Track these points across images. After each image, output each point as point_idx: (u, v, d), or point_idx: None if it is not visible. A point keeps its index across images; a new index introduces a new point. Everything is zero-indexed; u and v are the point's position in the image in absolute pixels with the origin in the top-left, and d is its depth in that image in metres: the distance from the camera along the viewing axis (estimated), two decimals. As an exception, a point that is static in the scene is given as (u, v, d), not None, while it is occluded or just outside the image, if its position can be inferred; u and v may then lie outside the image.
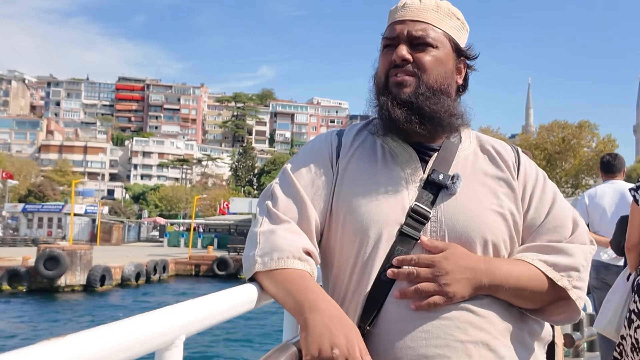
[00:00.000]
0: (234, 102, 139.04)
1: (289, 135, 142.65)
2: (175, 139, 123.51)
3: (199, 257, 35.88)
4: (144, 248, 47.14)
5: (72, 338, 0.73)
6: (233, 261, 34.74)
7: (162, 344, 0.91)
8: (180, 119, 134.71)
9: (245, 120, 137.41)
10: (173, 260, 35.05)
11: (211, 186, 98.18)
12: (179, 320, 0.95)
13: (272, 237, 1.23)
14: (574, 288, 1.26)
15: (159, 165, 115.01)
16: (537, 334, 1.29)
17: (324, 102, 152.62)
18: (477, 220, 1.25)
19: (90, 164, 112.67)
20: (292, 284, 1.16)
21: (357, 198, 1.28)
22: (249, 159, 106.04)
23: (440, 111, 1.30)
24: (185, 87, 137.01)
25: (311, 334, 1.06)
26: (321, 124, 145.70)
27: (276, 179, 1.37)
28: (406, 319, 1.18)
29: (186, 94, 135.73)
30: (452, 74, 1.36)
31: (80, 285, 26.09)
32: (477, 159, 1.36)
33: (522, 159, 1.39)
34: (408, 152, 1.33)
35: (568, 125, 56.94)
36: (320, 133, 1.67)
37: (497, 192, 1.30)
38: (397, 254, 1.22)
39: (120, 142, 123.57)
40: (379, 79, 1.36)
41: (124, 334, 0.82)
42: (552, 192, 1.36)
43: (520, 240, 1.31)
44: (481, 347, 1.16)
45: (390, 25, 1.37)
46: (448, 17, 1.36)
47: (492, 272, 1.21)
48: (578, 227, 1.33)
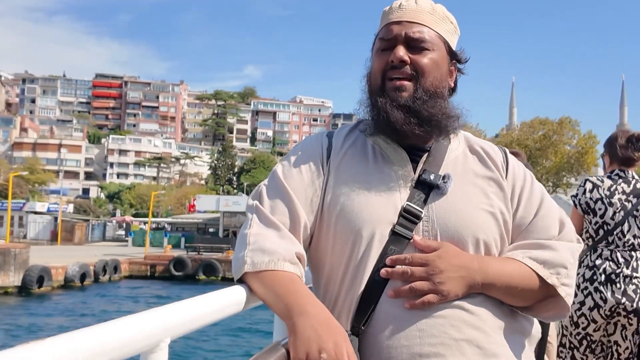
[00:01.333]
0: (215, 100, 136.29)
1: (270, 134, 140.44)
2: (153, 137, 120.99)
3: (155, 257, 33.91)
4: (106, 247, 45.13)
5: (54, 340, 0.72)
6: (191, 261, 32.80)
7: (146, 346, 0.90)
8: (159, 117, 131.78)
9: (226, 119, 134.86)
10: (127, 260, 33.02)
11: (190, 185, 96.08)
12: (164, 322, 0.94)
13: (262, 239, 1.22)
14: (562, 285, 1.28)
15: (135, 163, 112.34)
16: (527, 332, 1.30)
17: (307, 100, 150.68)
18: (468, 219, 1.26)
19: (65, 162, 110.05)
20: (281, 287, 1.16)
21: (349, 198, 1.28)
22: (228, 158, 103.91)
23: (437, 114, 1.31)
24: (165, 85, 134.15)
25: (299, 338, 1.06)
26: (304, 122, 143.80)
27: (265, 180, 1.36)
28: (400, 318, 1.18)
29: (165, 92, 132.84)
30: (446, 76, 1.37)
31: (15, 286, 24.24)
32: (467, 159, 1.37)
33: (510, 160, 1.41)
34: (399, 153, 1.34)
35: (549, 122, 56.11)
36: (302, 132, 1.61)
37: (487, 191, 1.32)
38: (390, 253, 1.23)
39: (97, 140, 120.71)
40: (375, 80, 1.35)
41: (108, 336, 0.81)
42: (539, 192, 1.38)
43: (509, 239, 1.32)
44: (475, 345, 1.17)
45: (386, 26, 1.36)
46: (443, 20, 1.38)
47: (484, 271, 1.22)
48: (565, 225, 1.36)
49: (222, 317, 1.13)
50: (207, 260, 32.89)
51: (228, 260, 33.26)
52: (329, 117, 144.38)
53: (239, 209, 44.42)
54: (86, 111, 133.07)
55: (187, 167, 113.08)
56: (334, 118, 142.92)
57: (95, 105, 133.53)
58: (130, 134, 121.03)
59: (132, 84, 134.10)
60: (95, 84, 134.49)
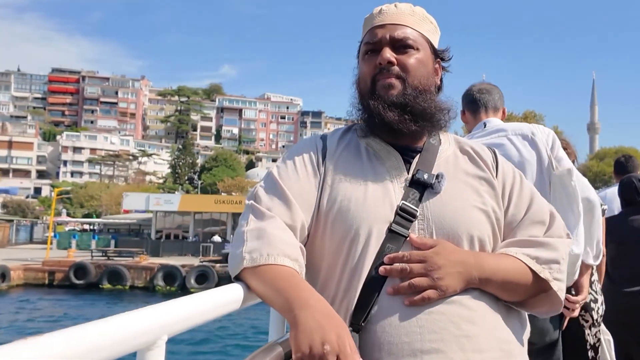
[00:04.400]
0: (178, 96, 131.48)
1: (236, 132, 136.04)
2: (110, 134, 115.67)
3: (55, 263, 29.56)
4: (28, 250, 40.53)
5: (51, 336, 0.73)
6: (95, 267, 28.58)
7: (143, 343, 0.90)
8: (119, 113, 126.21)
9: (189, 116, 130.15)
10: (22, 266, 28.70)
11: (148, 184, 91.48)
12: (161, 319, 0.94)
13: (260, 234, 1.23)
14: (554, 280, 1.31)
15: (88, 161, 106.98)
16: (522, 328, 1.33)
17: (275, 97, 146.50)
18: (462, 217, 1.29)
19: (15, 160, 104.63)
20: (281, 282, 1.16)
21: (346, 198, 1.30)
22: (189, 156, 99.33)
23: (430, 107, 1.36)
24: (124, 80, 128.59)
25: (302, 331, 1.05)
26: (271, 120, 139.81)
27: (261, 182, 1.38)
28: (400, 315, 1.20)
29: (125, 87, 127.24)
30: (432, 74, 1.42)
31: None
32: (458, 159, 1.41)
33: (500, 159, 1.45)
34: (392, 153, 1.37)
35: (512, 117, 53.24)
36: (270, 129, 1.67)
37: (479, 190, 1.35)
38: (387, 251, 1.25)
39: (53, 138, 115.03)
40: (365, 83, 1.39)
41: (104, 333, 0.81)
42: (529, 190, 1.42)
43: (502, 236, 1.36)
44: (474, 340, 1.19)
45: (370, 31, 1.41)
46: (423, 20, 1.43)
47: (481, 266, 1.25)
48: (555, 221, 1.39)
49: (219, 315, 1.13)
50: (113, 267, 28.92)
51: (138, 267, 29.25)
52: (297, 114, 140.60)
53: (171, 208, 40.34)
54: (41, 107, 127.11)
55: (147, 166, 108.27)
56: (302, 116, 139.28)
57: (51, 101, 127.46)
58: (87, 131, 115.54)
59: (90, 79, 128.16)
60: (51, 78, 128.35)
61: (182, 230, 42.13)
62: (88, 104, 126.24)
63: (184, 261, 30.96)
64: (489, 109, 2.68)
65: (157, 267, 28.78)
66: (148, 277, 28.70)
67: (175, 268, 28.64)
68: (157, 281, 28.25)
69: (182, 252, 36.22)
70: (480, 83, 2.81)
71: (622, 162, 4.73)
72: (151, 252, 35.91)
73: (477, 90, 2.72)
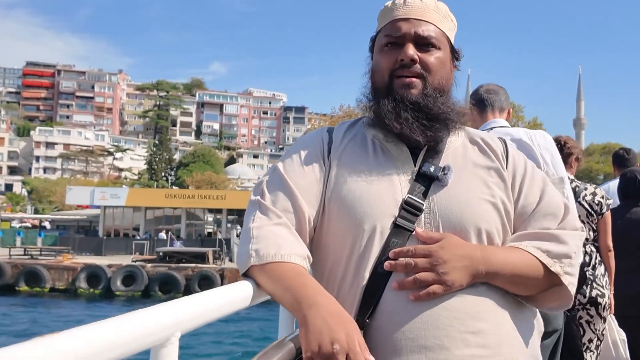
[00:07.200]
0: (157, 90, 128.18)
1: (217, 127, 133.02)
2: (84, 129, 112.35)
3: (-34, 263, 26.58)
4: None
5: (67, 334, 0.73)
6: (12, 267, 25.85)
7: (157, 340, 0.91)
8: (95, 108, 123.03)
9: (168, 111, 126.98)
10: None
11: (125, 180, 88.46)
12: (174, 317, 0.96)
13: (266, 232, 1.23)
14: (565, 274, 1.28)
15: (61, 157, 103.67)
16: (532, 322, 1.31)
17: (258, 92, 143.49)
18: (470, 210, 1.27)
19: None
20: (289, 280, 1.16)
21: (351, 192, 1.29)
22: (165, 151, 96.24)
23: (447, 111, 1.33)
24: (101, 74, 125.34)
25: (311, 330, 1.06)
26: (253, 115, 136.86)
27: (267, 175, 1.37)
28: (405, 311, 1.19)
29: (101, 81, 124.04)
30: (451, 74, 1.40)
31: None
32: (467, 150, 1.38)
33: (510, 150, 1.42)
34: (399, 146, 1.35)
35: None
36: (252, 125, 1.69)
37: (488, 181, 1.33)
38: (392, 246, 1.23)
39: (27, 133, 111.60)
40: (382, 77, 1.35)
41: (119, 331, 0.82)
42: (541, 181, 1.38)
43: (512, 228, 1.33)
44: (479, 336, 1.17)
45: (393, 22, 1.36)
46: (446, 18, 1.39)
47: (488, 260, 1.22)
48: (569, 213, 1.35)
49: (230, 312, 1.14)
50: (30, 267, 26.21)
51: (60, 267, 26.49)
52: (280, 110, 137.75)
53: (118, 203, 37.53)
54: (16, 102, 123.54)
55: (123, 162, 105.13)
56: (285, 111, 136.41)
57: (25, 96, 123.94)
58: (61, 126, 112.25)
59: (66, 72, 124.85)
60: (26, 72, 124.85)
61: (132, 228, 39.44)
62: (63, 98, 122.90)
63: (126, 260, 28.29)
64: (496, 109, 2.94)
65: (80, 267, 26.16)
66: (70, 279, 26.10)
67: (99, 268, 26.06)
68: (79, 283, 25.74)
69: (128, 251, 33.50)
70: (488, 84, 3.05)
71: (622, 154, 4.72)
72: (94, 250, 33.28)
73: (484, 90, 2.98)
